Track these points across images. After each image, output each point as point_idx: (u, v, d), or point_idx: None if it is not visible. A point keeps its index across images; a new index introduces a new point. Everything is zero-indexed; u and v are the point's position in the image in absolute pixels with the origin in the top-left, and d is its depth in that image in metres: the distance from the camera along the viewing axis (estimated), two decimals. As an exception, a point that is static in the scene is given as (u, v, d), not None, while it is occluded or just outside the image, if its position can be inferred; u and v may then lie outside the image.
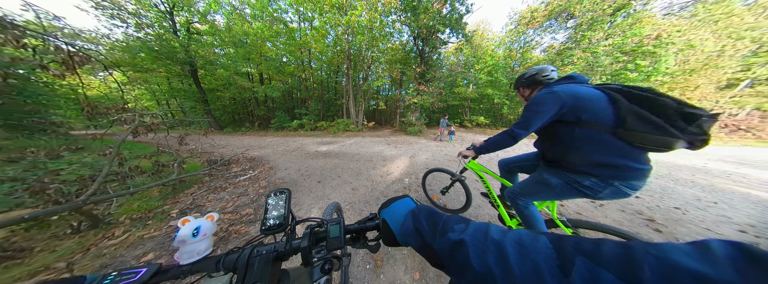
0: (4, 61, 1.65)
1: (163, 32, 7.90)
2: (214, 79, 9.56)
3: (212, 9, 8.46)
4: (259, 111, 10.73)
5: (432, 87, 7.44)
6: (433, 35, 7.02)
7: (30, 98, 2.20)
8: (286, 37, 8.62)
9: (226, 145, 4.93)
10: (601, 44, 7.40)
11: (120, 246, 1.13)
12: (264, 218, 0.32)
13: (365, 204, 1.56)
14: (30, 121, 1.88)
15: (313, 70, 10.09)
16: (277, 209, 0.33)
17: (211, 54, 8.83)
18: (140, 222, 1.33)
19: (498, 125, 10.43)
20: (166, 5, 7.78)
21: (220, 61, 8.89)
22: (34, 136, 2.01)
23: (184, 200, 1.68)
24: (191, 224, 0.28)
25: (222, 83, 9.47)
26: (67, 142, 1.76)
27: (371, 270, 0.92)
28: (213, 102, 10.17)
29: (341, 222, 0.30)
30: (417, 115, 7.77)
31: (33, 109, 2.08)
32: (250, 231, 1.23)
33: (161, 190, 1.77)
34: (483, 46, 11.57)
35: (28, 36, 1.41)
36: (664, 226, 1.34)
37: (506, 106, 9.79)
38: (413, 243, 0.21)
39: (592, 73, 7.37)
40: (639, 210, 1.53)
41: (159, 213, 1.45)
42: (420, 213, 0.22)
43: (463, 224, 0.19)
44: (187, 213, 1.49)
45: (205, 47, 8.56)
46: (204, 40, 8.68)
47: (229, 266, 0.26)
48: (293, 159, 3.22)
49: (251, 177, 2.32)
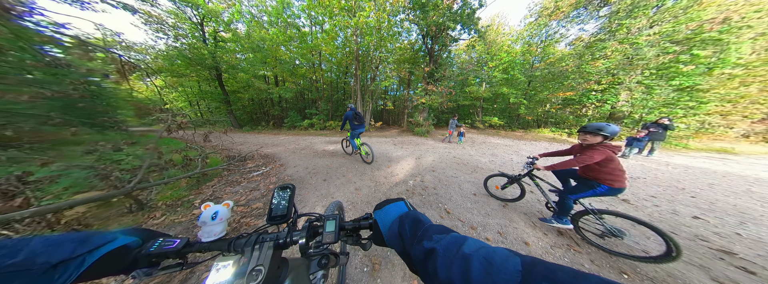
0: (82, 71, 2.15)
1: (195, 41, 9.14)
2: (235, 82, 10.57)
3: (235, 18, 9.48)
4: (273, 111, 11.61)
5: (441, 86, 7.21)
6: (443, 33, 6.78)
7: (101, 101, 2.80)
8: (299, 40, 9.18)
9: (243, 142, 5.40)
10: (643, 33, 6.29)
11: (159, 226, 1.36)
12: (270, 209, 0.36)
13: (367, 205, 1.61)
14: (101, 119, 2.33)
15: (323, 72, 10.55)
16: (282, 202, 0.37)
17: (234, 59, 9.81)
18: (172, 209, 1.58)
19: (513, 126, 9.62)
20: (197, 18, 9.01)
21: (241, 65, 9.81)
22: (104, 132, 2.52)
23: (205, 191, 1.92)
24: (211, 209, 0.33)
25: (242, 85, 10.49)
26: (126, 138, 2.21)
27: (368, 273, 0.94)
28: (234, 102, 11.26)
29: (337, 219, 0.33)
30: (425, 116, 7.62)
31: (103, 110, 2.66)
32: (257, 224, 1.37)
33: (188, 182, 2.05)
34: (498, 42, 10.64)
35: (97, 50, 1.73)
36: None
37: (523, 106, 9.02)
38: (396, 247, 0.22)
39: (630, 67, 6.40)
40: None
41: (185, 202, 1.70)
42: (406, 219, 0.24)
43: (443, 234, 0.19)
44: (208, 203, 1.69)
45: (228, 53, 9.58)
46: (227, 47, 9.70)
47: (238, 248, 0.30)
48: (302, 157, 3.39)
49: (263, 173, 2.54)
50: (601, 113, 7.27)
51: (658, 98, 5.97)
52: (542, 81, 8.96)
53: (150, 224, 1.39)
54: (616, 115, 7.04)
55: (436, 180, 2.16)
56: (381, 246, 0.27)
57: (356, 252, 1.08)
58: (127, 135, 2.65)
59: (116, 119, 2.47)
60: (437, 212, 1.52)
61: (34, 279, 0.19)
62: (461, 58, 12.11)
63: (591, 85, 7.44)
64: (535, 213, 1.51)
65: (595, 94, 7.23)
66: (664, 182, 2.37)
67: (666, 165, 3.31)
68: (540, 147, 4.97)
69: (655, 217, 1.53)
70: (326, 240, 0.30)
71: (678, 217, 1.54)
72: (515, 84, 9.41)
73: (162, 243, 0.29)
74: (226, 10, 9.40)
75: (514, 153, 4.12)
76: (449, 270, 0.16)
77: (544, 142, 6.12)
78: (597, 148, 1.00)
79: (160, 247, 0.29)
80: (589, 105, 7.71)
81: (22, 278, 0.18)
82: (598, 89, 7.30)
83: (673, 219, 1.51)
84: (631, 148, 3.85)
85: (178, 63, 8.86)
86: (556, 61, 8.59)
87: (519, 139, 6.69)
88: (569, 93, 8.00)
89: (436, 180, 2.19)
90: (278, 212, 0.36)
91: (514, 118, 9.98)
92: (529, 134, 7.79)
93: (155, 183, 1.60)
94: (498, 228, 1.32)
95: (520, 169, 1.38)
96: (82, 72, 2.25)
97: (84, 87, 2.02)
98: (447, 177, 2.28)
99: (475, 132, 8.64)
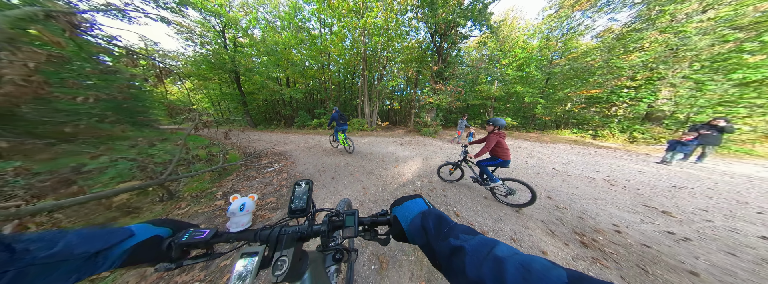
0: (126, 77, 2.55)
1: (218, 47, 10.09)
2: (251, 84, 11.34)
3: (252, 25, 10.33)
4: (285, 110, 12.23)
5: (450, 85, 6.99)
6: (453, 30, 6.57)
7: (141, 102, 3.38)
8: (309, 43, 9.56)
9: (258, 140, 5.74)
10: (693, 20, 5.29)
11: (184, 215, 1.48)
12: (290, 202, 0.38)
13: (374, 204, 1.62)
14: (140, 118, 2.71)
15: (331, 73, 10.92)
16: (301, 196, 0.39)
17: (250, 63, 10.63)
18: (196, 200, 1.71)
19: (529, 127, 8.98)
20: (219, 26, 9.96)
21: (256, 68, 10.59)
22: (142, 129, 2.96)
23: (225, 185, 2.07)
24: (239, 201, 0.35)
25: (257, 87, 11.24)
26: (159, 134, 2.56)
27: (376, 272, 0.93)
28: (250, 103, 12.10)
29: (356, 214, 0.34)
30: (433, 116, 7.43)
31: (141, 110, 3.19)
32: (272, 218, 1.43)
33: (211, 175, 2.22)
34: (512, 38, 10.03)
35: (140, 58, 1.98)
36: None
37: (540, 106, 8.36)
38: (419, 240, 0.23)
39: (674, 59, 5.52)
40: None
41: (208, 193, 1.84)
42: (429, 215, 0.25)
43: (471, 235, 0.20)
44: (227, 195, 1.83)
45: (245, 57, 10.42)
46: (245, 51, 10.52)
47: (263, 238, 0.31)
48: (312, 155, 3.49)
49: (276, 169, 2.67)
50: (634, 113, 6.39)
51: (712, 95, 5.03)
52: (562, 78, 8.21)
53: (175, 214, 1.52)
54: (655, 116, 6.09)
55: (445, 182, 2.09)
56: (401, 241, 0.28)
57: (364, 249, 1.08)
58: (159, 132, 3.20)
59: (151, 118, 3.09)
60: (449, 213, 1.46)
61: (77, 266, 0.20)
62: (471, 56, 11.66)
63: (622, 81, 6.63)
64: (553, 221, 1.39)
65: (628, 92, 6.43)
66: (719, 194, 2.01)
67: (722, 175, 2.81)
68: (559, 150, 4.57)
69: (707, 234, 1.30)
70: (347, 235, 0.31)
71: (738, 236, 1.28)
72: (531, 82, 8.81)
73: (192, 234, 0.30)
74: (244, 17, 10.27)
75: (529, 155, 3.82)
76: (479, 270, 0.16)
77: (563, 144, 5.50)
78: (492, 135, 1.57)
79: (191, 237, 0.30)
80: (620, 104, 6.78)
81: (63, 267, 0.19)
82: (630, 86, 6.48)
83: (731, 238, 1.25)
84: (673, 153, 3.29)
85: (203, 68, 9.85)
86: (580, 56, 7.87)
87: (535, 140, 6.22)
88: (595, 90, 7.24)
89: (444, 181, 2.12)
90: (298, 206, 0.38)
91: (530, 119, 9.33)
92: (546, 136, 7.19)
93: (184, 176, 1.76)
94: (511, 234, 1.24)
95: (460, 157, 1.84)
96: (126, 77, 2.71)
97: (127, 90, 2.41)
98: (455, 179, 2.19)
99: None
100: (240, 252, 0.28)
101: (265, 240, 0.31)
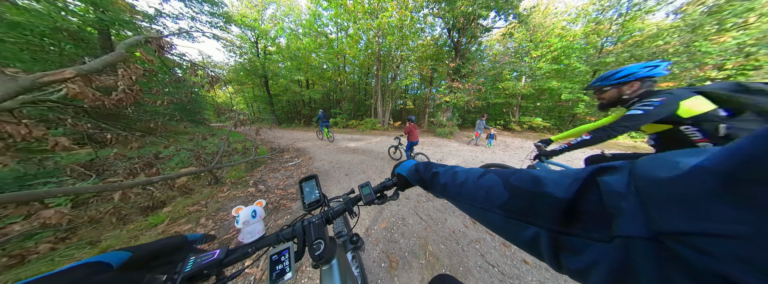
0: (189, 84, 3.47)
1: (252, 56, 11.94)
2: (277, 87, 12.87)
3: (279, 34, 11.87)
4: (304, 110, 13.63)
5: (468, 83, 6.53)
6: (473, 23, 6.10)
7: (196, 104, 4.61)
8: (327, 47, 10.32)
9: (281, 137, 6.41)
10: None
11: (225, 198, 1.76)
12: (303, 199, 0.40)
13: None
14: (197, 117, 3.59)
15: (346, 74, 11.59)
16: (312, 191, 0.41)
17: (276, 68, 12.10)
18: (235, 186, 2.01)
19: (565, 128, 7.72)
20: (254, 37, 11.85)
21: (281, 73, 11.98)
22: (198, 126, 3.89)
23: (255, 175, 2.37)
24: (248, 209, 0.33)
25: (282, 89, 12.68)
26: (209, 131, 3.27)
27: (386, 270, 0.94)
28: (276, 104, 13.72)
29: (369, 184, 0.39)
30: (449, 115, 7.03)
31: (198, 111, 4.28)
32: (292, 207, 1.58)
33: (245, 166, 2.58)
34: (545, 26, 8.73)
35: (198, 69, 2.48)
36: None
37: (583, 104, 6.95)
38: (415, 179, 0.33)
39: None
40: None
41: (243, 181, 2.14)
42: (420, 163, 0.36)
43: (446, 167, 0.30)
44: (257, 184, 2.09)
45: (273, 63, 11.97)
46: (272, 58, 12.11)
47: (287, 236, 0.31)
48: (327, 152, 3.68)
49: (296, 163, 2.94)
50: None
51: None
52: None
53: (218, 197, 1.81)
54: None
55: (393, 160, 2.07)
56: (406, 188, 0.36)
57: (375, 246, 1.10)
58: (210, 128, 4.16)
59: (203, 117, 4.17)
60: (461, 220, 1.37)
61: None
62: (494, 50, 10.62)
63: (705, 71, 5.07)
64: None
65: (719, 83, 4.96)
66: None
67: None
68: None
69: None
70: (368, 200, 0.37)
71: None
72: (570, 76, 7.44)
73: (197, 260, 0.24)
74: (272, 28, 11.96)
75: (566, 161, 3.21)
76: (445, 180, 0.27)
77: (617, 149, 4.50)
78: (410, 126, 2.50)
79: (198, 264, 0.23)
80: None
81: None
82: (715, 77, 4.92)
83: None
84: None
85: (241, 74, 11.86)
86: (646, 40, 6.30)
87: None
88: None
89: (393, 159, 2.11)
90: (312, 199, 0.40)
91: (567, 119, 7.95)
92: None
93: (226, 165, 2.10)
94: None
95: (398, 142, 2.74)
96: (189, 85, 3.63)
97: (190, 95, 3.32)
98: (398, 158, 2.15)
99: (510, 134, 7.38)
100: (268, 255, 0.27)
101: (291, 236, 0.32)
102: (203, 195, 1.84)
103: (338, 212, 0.36)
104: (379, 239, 1.16)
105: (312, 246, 0.30)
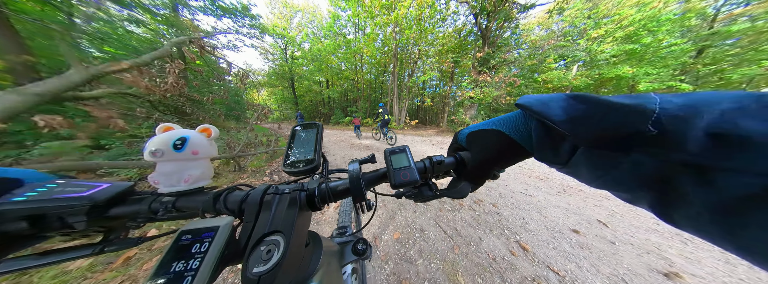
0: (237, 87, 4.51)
1: (282, 61, 14.21)
2: (301, 88, 14.67)
3: (303, 40, 13.87)
4: (324, 109, 15.25)
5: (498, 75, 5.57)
6: (506, 4, 5.14)
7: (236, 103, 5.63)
8: (346, 47, 11.02)
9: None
10: None
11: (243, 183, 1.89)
12: (287, 154, 0.21)
13: (397, 202, 1.45)
14: (234, 113, 4.30)
15: (363, 73, 12.29)
16: (306, 144, 0.22)
17: (301, 71, 13.74)
18: (253, 174, 2.16)
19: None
20: (283, 44, 14.08)
21: (305, 75, 13.61)
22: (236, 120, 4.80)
23: (272, 166, 2.52)
24: (174, 132, 0.18)
25: (305, 90, 14.41)
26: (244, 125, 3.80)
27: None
28: (300, 104, 15.70)
29: (407, 150, 0.21)
30: (473, 113, 6.15)
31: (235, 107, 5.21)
32: None
33: (266, 156, 2.80)
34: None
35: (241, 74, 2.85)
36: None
37: None
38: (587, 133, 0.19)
39: None
40: None
41: (261, 170, 2.29)
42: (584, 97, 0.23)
43: None
44: (273, 174, 2.19)
45: (298, 67, 13.66)
46: (298, 62, 13.85)
47: (232, 206, 0.18)
48: (341, 147, 3.96)
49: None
50: None
51: None
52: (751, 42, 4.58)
53: (238, 182, 1.96)
54: None
55: (496, 195, 1.57)
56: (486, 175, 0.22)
57: (383, 264, 0.87)
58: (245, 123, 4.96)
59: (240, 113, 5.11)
60: (503, 243, 0.98)
61: None
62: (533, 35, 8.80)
63: None
64: None
65: None
66: None
67: None
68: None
69: None
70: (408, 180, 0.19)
71: None
72: (654, 58, 5.39)
73: (57, 189, 0.14)
74: (298, 34, 13.95)
75: None
76: None
77: None
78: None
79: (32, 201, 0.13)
80: None
81: None
82: None
83: None
84: None
85: (273, 78, 14.07)
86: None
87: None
88: None
89: (495, 193, 1.60)
90: (302, 156, 0.21)
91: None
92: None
93: (249, 153, 2.30)
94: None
95: None
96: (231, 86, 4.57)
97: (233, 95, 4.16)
98: (513, 194, 1.59)
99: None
100: (178, 231, 0.15)
101: (236, 207, 0.17)
102: (227, 179, 2.02)
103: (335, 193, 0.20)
104: (390, 254, 0.91)
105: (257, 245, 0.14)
